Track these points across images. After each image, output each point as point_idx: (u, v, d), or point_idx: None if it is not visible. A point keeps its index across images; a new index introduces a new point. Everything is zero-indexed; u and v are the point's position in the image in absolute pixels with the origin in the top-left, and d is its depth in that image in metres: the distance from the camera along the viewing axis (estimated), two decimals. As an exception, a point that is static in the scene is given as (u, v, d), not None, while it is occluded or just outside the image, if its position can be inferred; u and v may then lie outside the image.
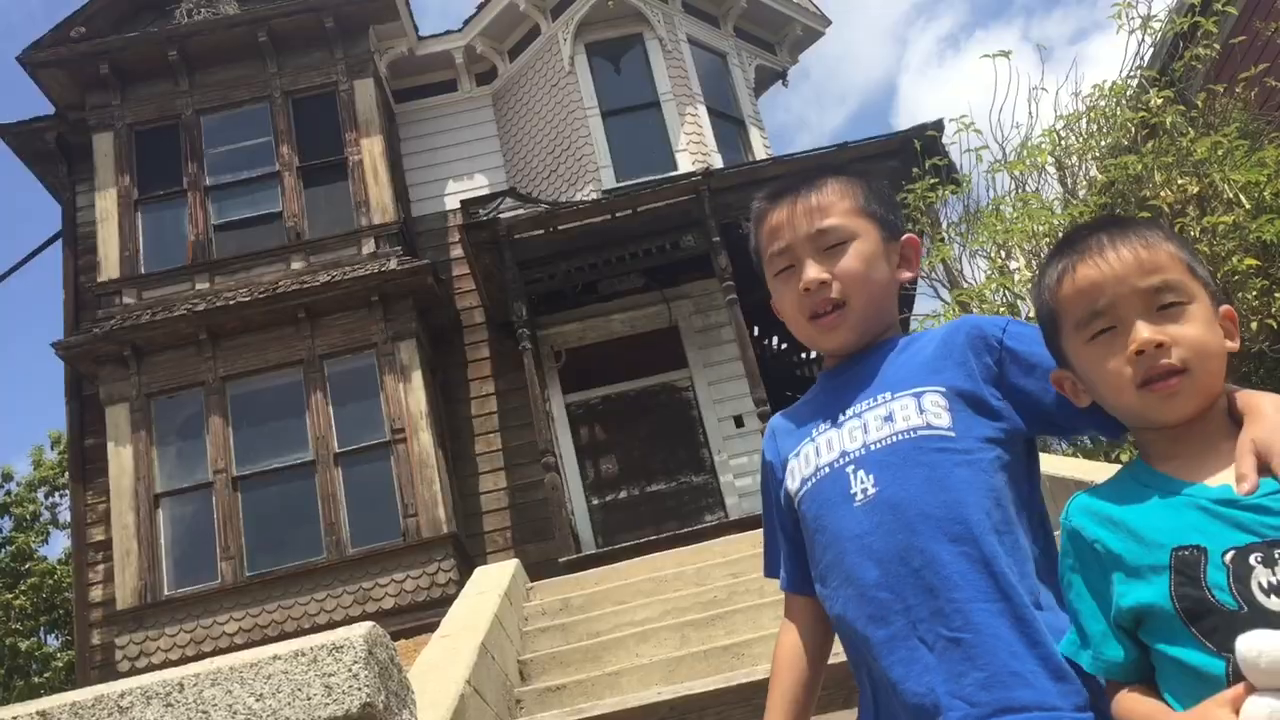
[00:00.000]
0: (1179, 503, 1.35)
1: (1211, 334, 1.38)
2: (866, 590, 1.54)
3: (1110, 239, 1.43)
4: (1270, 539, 1.27)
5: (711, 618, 6.03)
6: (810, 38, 15.34)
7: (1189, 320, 1.37)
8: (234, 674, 2.33)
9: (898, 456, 1.56)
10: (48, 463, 21.43)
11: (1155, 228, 1.45)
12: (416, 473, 11.06)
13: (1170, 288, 1.38)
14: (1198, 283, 1.40)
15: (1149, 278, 1.39)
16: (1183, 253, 1.42)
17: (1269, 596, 1.24)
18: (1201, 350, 1.36)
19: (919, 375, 1.61)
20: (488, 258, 11.23)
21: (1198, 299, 1.39)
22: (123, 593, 10.76)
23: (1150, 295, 1.38)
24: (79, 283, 12.80)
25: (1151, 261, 1.39)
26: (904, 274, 1.74)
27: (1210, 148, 7.89)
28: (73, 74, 12.74)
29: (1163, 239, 1.43)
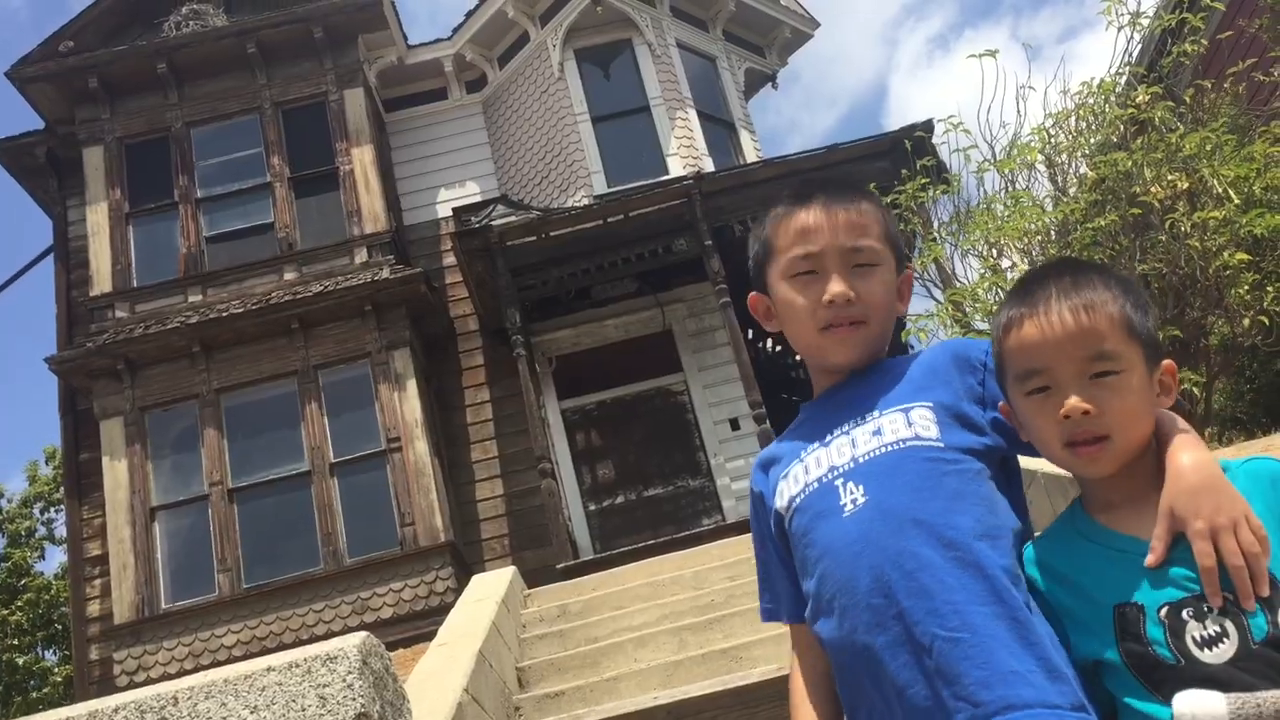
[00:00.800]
0: (1117, 558, 1.41)
1: (1139, 402, 1.43)
2: (862, 598, 1.53)
3: (1058, 297, 1.46)
4: (1198, 593, 1.33)
5: (709, 621, 6.03)
6: (799, 40, 15.37)
7: (1118, 390, 1.42)
8: (228, 686, 2.32)
9: (887, 466, 1.57)
10: (43, 478, 21.38)
11: (1105, 285, 1.47)
12: (413, 481, 11.05)
13: (1105, 356, 1.43)
14: (1135, 345, 1.44)
15: (1086, 346, 1.43)
16: (1128, 310, 1.45)
17: (1203, 650, 1.30)
18: (1126, 420, 1.43)
19: (906, 393, 1.63)
20: (480, 265, 11.23)
21: (1131, 366, 1.43)
22: (120, 607, 10.74)
23: (1085, 363, 1.43)
24: (71, 297, 12.78)
25: (1091, 329, 1.44)
26: (900, 307, 1.78)
27: (1199, 143, 7.90)
28: (62, 88, 12.73)
29: (1110, 299, 1.46)
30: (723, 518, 11.50)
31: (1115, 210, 8.01)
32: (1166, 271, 7.85)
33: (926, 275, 9.65)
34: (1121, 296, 1.47)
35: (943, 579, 1.46)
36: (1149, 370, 1.45)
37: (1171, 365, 1.47)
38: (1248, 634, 1.29)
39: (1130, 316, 1.45)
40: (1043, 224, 8.54)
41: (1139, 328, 1.45)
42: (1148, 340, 1.46)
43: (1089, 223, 8.08)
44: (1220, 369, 8.53)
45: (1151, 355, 1.46)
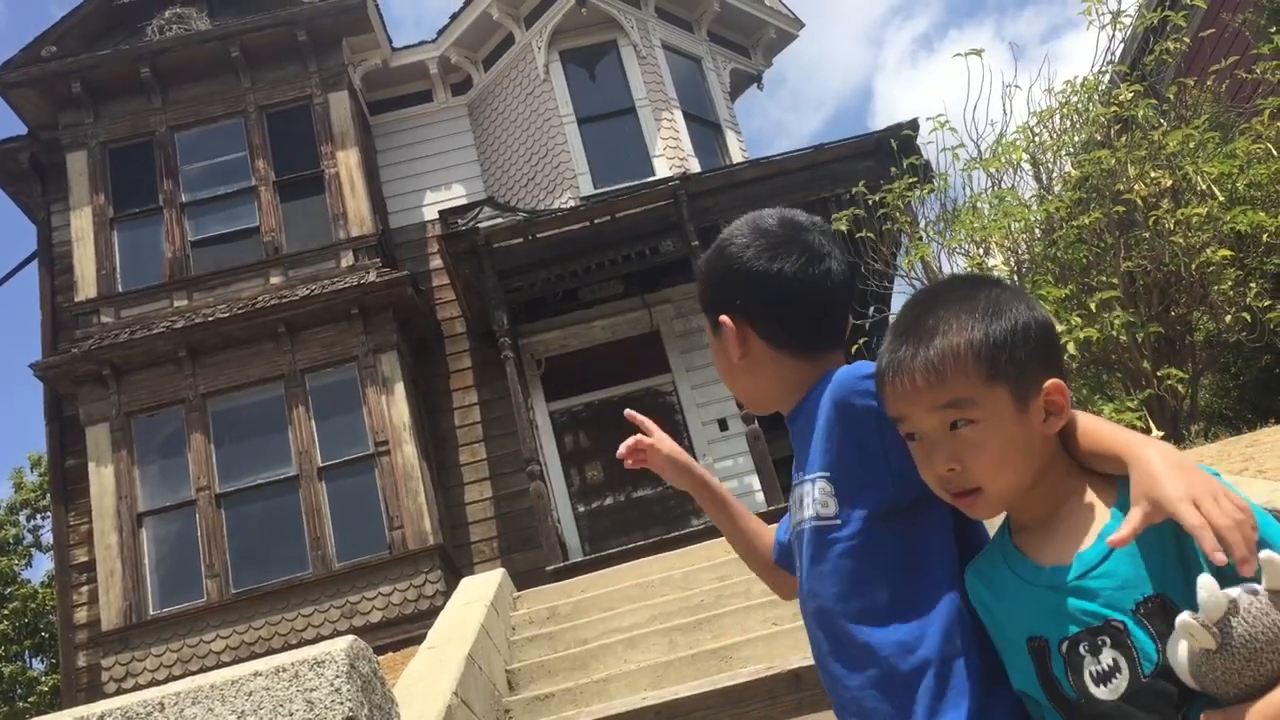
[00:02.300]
0: (1027, 587, 1.38)
1: (1004, 446, 1.36)
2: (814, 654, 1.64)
3: (909, 354, 1.39)
4: (1090, 626, 1.29)
5: (698, 622, 6.03)
6: (784, 40, 15.39)
7: (976, 442, 1.36)
8: (215, 692, 2.31)
9: (807, 546, 1.61)
10: (28, 485, 21.27)
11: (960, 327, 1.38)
12: (401, 485, 11.03)
13: (957, 406, 1.36)
14: (996, 387, 1.36)
15: (937, 402, 1.37)
16: (985, 351, 1.36)
17: (1098, 686, 1.28)
18: (991, 469, 1.36)
19: (814, 456, 1.60)
20: (467, 267, 11.21)
21: (990, 414, 1.36)
22: (107, 614, 10.69)
23: (943, 413, 1.37)
24: (56, 303, 12.72)
25: (939, 384, 1.37)
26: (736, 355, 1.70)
27: (1182, 140, 7.94)
28: (45, 93, 12.67)
29: (963, 344, 1.37)
30: (712, 518, 11.49)
31: (1099, 208, 8.04)
32: (1151, 268, 7.89)
33: (913, 274, 9.68)
34: (980, 335, 1.37)
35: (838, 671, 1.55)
36: (1019, 405, 1.36)
37: (1057, 385, 1.37)
38: (1138, 666, 1.25)
39: (990, 356, 1.36)
40: (1028, 222, 8.57)
41: (1000, 366, 1.36)
42: (1012, 375, 1.36)
43: (1074, 220, 8.11)
44: (1205, 365, 8.57)
45: (1020, 389, 1.36)
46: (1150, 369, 7.64)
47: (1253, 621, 1.19)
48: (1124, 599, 1.27)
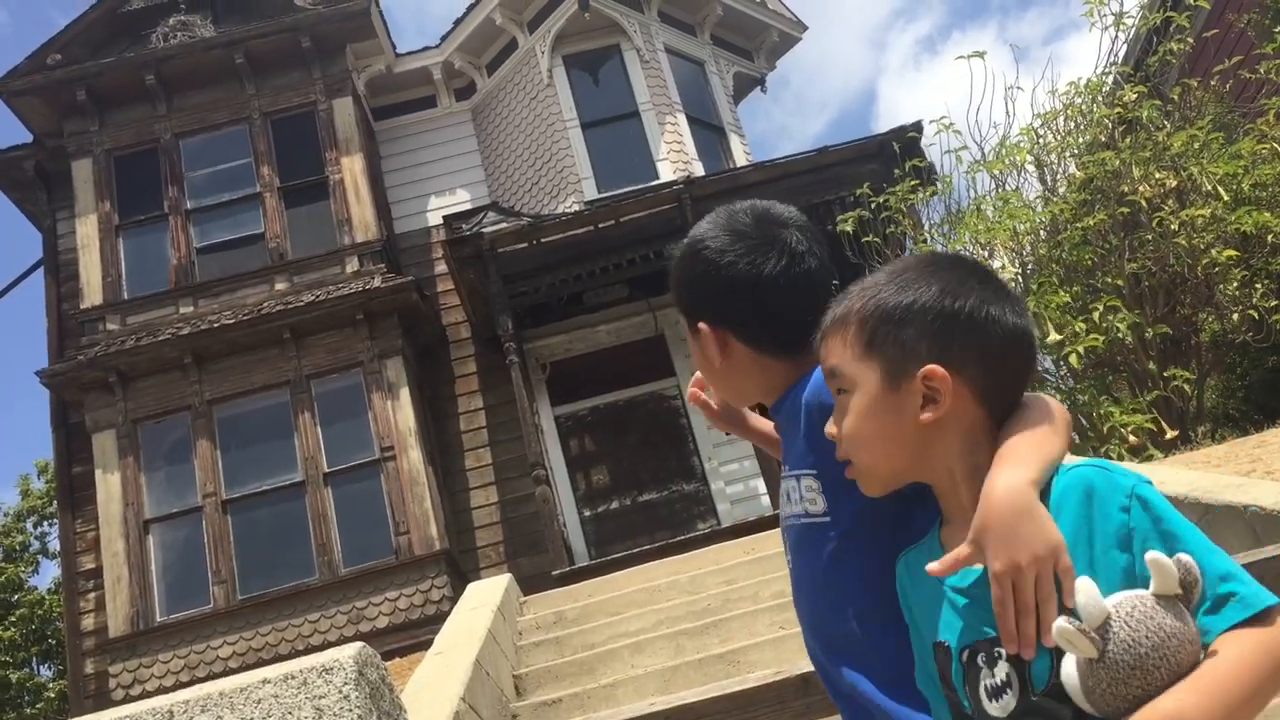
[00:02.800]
0: (936, 588, 1.32)
1: (868, 423, 1.33)
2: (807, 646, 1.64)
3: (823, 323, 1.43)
4: (990, 636, 1.23)
5: (705, 626, 6.02)
6: (787, 43, 15.39)
7: (844, 411, 1.36)
8: (224, 699, 2.31)
9: (795, 540, 1.59)
10: (35, 492, 21.31)
11: (861, 297, 1.38)
12: (407, 490, 11.03)
13: (833, 375, 1.38)
14: (868, 363, 1.34)
15: (825, 367, 1.40)
16: (870, 324, 1.34)
17: (990, 700, 1.22)
18: (855, 443, 1.35)
19: (799, 453, 1.59)
20: (472, 272, 11.22)
21: (859, 385, 1.34)
22: (115, 620, 10.70)
23: (831, 382, 1.39)
24: (62, 310, 12.74)
25: (825, 351, 1.40)
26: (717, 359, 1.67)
27: (1187, 141, 7.94)
28: (50, 101, 12.70)
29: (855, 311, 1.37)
30: (718, 522, 11.49)
31: (1104, 209, 8.04)
32: (1156, 269, 7.88)
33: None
34: (870, 307, 1.35)
35: (823, 664, 1.55)
36: (889, 384, 1.32)
37: (933, 370, 1.29)
38: (1029, 683, 1.19)
39: (871, 329, 1.34)
40: (1032, 224, 8.57)
41: (877, 341, 1.33)
42: (888, 353, 1.32)
43: (1078, 222, 8.11)
44: (1211, 366, 8.56)
45: (893, 369, 1.32)
46: (1156, 370, 7.63)
47: (1135, 626, 1.12)
48: None
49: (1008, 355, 1.34)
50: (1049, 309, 7.44)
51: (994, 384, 1.33)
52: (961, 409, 1.31)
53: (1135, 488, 1.20)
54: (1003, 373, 1.34)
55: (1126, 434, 6.90)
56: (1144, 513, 1.18)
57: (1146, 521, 1.17)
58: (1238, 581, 1.14)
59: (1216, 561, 1.15)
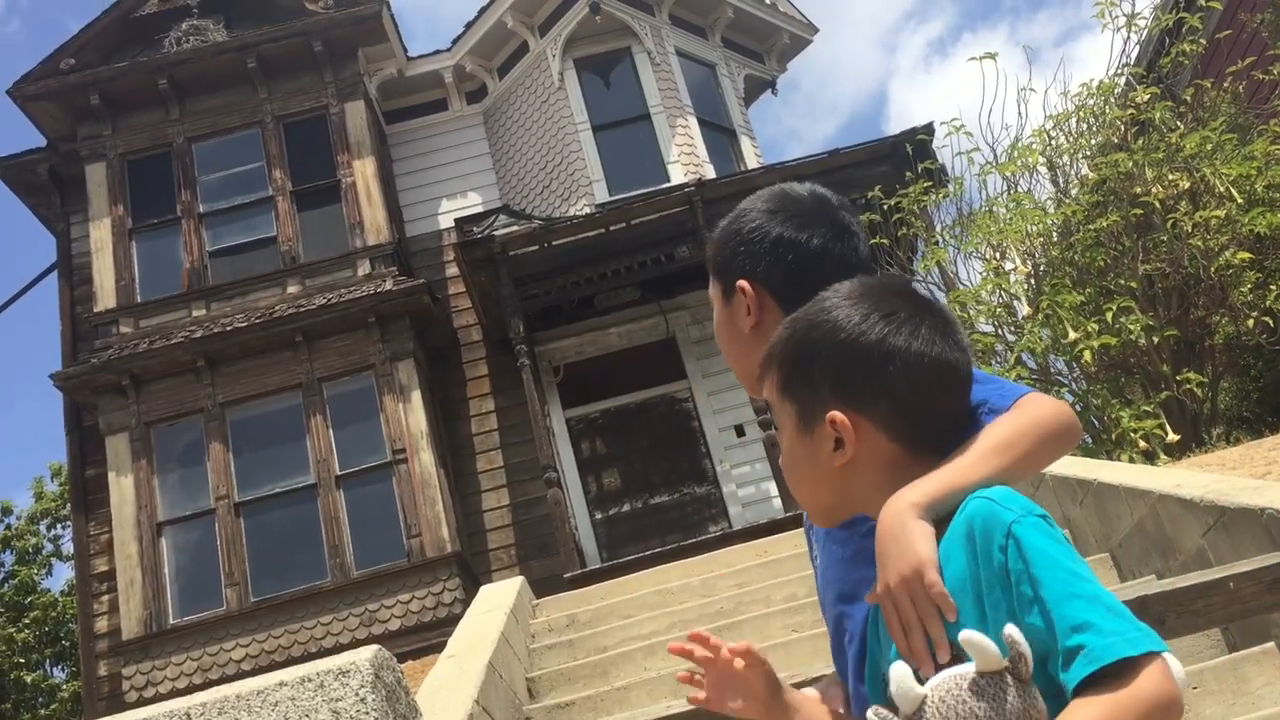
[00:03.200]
0: None
1: (791, 461, 1.36)
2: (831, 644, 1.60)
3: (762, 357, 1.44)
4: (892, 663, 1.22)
5: (719, 629, 6.01)
6: (798, 46, 15.38)
7: (780, 446, 1.39)
8: (240, 702, 2.32)
9: (823, 531, 1.56)
10: (49, 495, 21.39)
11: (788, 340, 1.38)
12: (419, 492, 11.05)
13: (768, 410, 1.42)
14: (786, 404, 1.36)
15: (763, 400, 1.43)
16: (789, 366, 1.36)
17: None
18: (788, 476, 1.38)
19: None
20: (483, 275, 11.24)
21: (782, 427, 1.37)
22: (128, 623, 10.74)
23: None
24: (75, 313, 12.79)
25: (761, 387, 1.42)
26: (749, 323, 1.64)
27: (1200, 143, 7.92)
28: (63, 105, 12.77)
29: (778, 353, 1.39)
30: (729, 525, 11.49)
31: (1117, 211, 8.02)
32: (1169, 271, 7.86)
33: (929, 278, 9.66)
34: (787, 349, 1.37)
35: None
36: (802, 426, 1.33)
37: (833, 416, 1.30)
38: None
39: (789, 373, 1.36)
40: (1045, 226, 8.55)
41: (790, 384, 1.35)
42: (798, 395, 1.34)
43: (1091, 224, 8.09)
44: (1225, 368, 8.53)
45: (804, 410, 1.33)
46: (1170, 372, 7.60)
47: (945, 711, 1.10)
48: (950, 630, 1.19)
49: (919, 388, 1.30)
50: (1062, 309, 7.42)
51: (906, 419, 1.30)
52: (873, 448, 1.30)
53: (1014, 525, 1.15)
54: (916, 406, 1.30)
55: (1137, 439, 6.87)
56: (1018, 555, 1.13)
57: (1020, 564, 1.13)
58: (1091, 632, 1.06)
59: (1073, 611, 1.08)
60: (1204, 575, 2.57)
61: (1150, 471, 5.23)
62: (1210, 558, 4.02)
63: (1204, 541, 4.13)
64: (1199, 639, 4.12)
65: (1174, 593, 2.49)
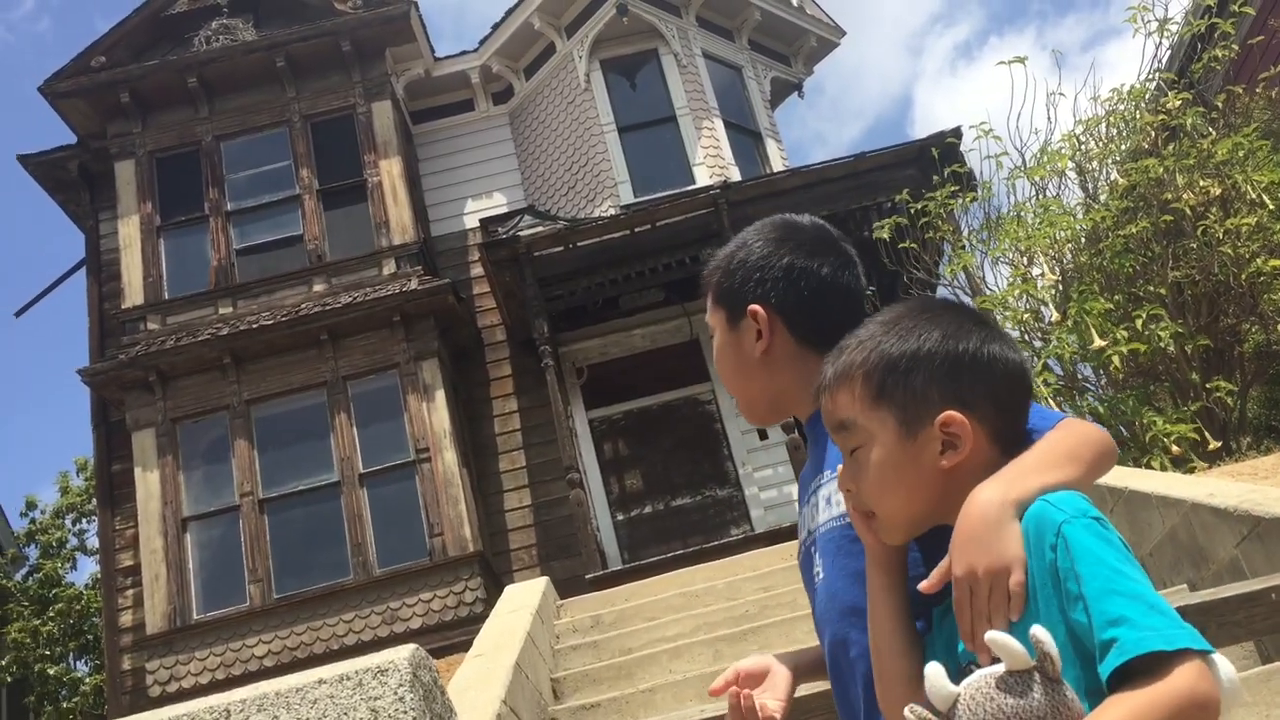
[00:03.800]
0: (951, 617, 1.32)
1: (886, 473, 1.34)
2: (829, 669, 1.59)
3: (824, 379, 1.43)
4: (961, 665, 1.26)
5: (744, 632, 6.01)
6: (824, 48, 15.35)
7: (862, 464, 1.36)
8: (280, 699, 2.33)
9: (833, 543, 1.56)
10: (74, 489, 21.53)
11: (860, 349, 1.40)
12: (442, 492, 11.08)
13: (846, 430, 1.38)
14: (879, 412, 1.35)
15: (831, 424, 1.41)
16: (876, 376, 1.36)
17: None
18: (875, 495, 1.36)
19: None
20: (508, 275, 11.26)
21: (871, 438, 1.36)
22: (152, 617, 10.80)
23: (839, 438, 1.40)
24: (103, 309, 12.89)
25: (832, 409, 1.40)
26: (759, 349, 1.66)
27: (1231, 149, 7.85)
28: (94, 103, 12.86)
29: (857, 365, 1.38)
30: (751, 528, 11.47)
31: (1147, 217, 7.96)
32: (1199, 278, 7.79)
33: (956, 283, 9.62)
34: (874, 358, 1.37)
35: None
36: (905, 433, 1.34)
37: (951, 417, 1.32)
38: None
39: (878, 380, 1.36)
40: (1073, 231, 8.50)
41: (887, 390, 1.35)
42: (900, 401, 1.35)
43: (1120, 230, 8.03)
44: (1254, 377, 8.46)
45: (907, 416, 1.34)
46: (1199, 380, 7.54)
47: (975, 709, 1.13)
48: None
49: (1012, 392, 1.38)
50: (1091, 316, 7.37)
51: (1003, 421, 1.37)
52: (977, 450, 1.34)
53: (1064, 525, 1.19)
54: (1009, 409, 1.38)
55: (1169, 444, 6.82)
56: (1065, 553, 1.17)
57: (1067, 562, 1.17)
58: (1126, 626, 1.09)
59: (1111, 605, 1.11)
60: (1246, 586, 2.56)
61: (1183, 480, 5.19)
62: (1244, 568, 3.99)
63: (1238, 551, 4.10)
64: (1232, 649, 4.09)
65: (1215, 603, 2.47)
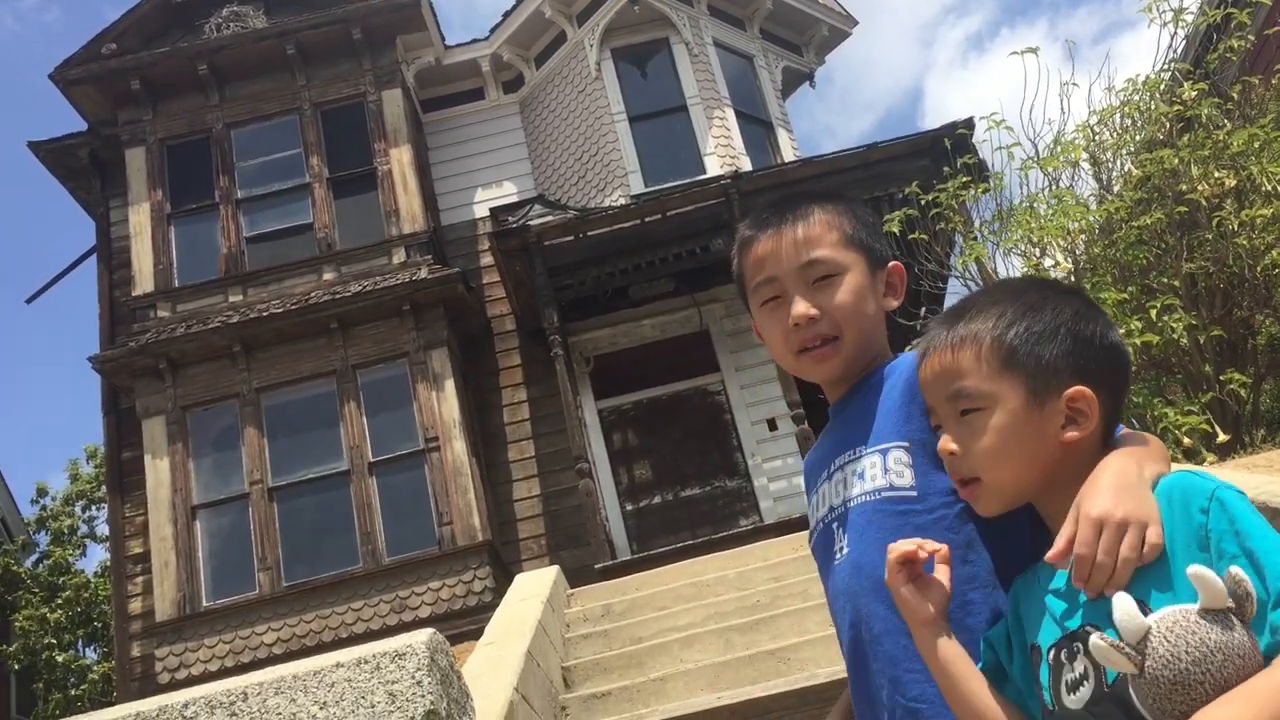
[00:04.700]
0: (1038, 589, 1.36)
1: (1006, 439, 1.37)
2: (845, 648, 1.59)
3: (935, 340, 1.47)
4: (1070, 631, 1.26)
5: (755, 622, 6.00)
6: (837, 38, 15.29)
7: (978, 429, 1.39)
8: (297, 682, 2.33)
9: (864, 518, 1.55)
10: (84, 476, 21.59)
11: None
12: (451, 481, 11.08)
13: (964, 395, 1.41)
14: (1007, 377, 1.38)
15: (948, 388, 1.43)
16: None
17: (1069, 694, 1.23)
18: (987, 460, 1.38)
19: (886, 427, 1.58)
20: (518, 265, 11.24)
21: (1000, 401, 1.38)
22: (162, 604, 10.83)
23: (953, 403, 1.42)
24: (114, 297, 12.90)
25: (950, 368, 1.43)
26: (890, 302, 1.74)
27: (1247, 140, 7.80)
28: (104, 90, 12.86)
29: (984, 329, 1.42)
30: (760, 518, 11.46)
31: (1161, 208, 7.91)
32: (1213, 270, 7.75)
33: (968, 274, 9.58)
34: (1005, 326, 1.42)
35: (906, 645, 1.46)
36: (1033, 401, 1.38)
37: (1081, 392, 1.37)
38: (1103, 675, 1.20)
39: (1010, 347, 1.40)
40: (1087, 222, 8.45)
41: (1018, 358, 1.40)
42: (1031, 370, 1.39)
43: (1134, 221, 7.99)
44: (1268, 369, 8.41)
45: (1037, 386, 1.38)
46: (1212, 373, 7.50)
47: (1175, 641, 1.12)
48: (1104, 604, 1.22)
49: (1124, 381, 1.47)
50: (1104, 307, 7.33)
51: (1114, 406, 1.43)
52: (1094, 429, 1.39)
53: (1217, 491, 1.22)
54: (1118, 397, 1.44)
55: (1181, 435, 6.79)
56: (1221, 514, 1.19)
57: (1223, 523, 1.19)
58: None
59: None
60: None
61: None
62: (1262, 559, 3.96)
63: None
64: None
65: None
